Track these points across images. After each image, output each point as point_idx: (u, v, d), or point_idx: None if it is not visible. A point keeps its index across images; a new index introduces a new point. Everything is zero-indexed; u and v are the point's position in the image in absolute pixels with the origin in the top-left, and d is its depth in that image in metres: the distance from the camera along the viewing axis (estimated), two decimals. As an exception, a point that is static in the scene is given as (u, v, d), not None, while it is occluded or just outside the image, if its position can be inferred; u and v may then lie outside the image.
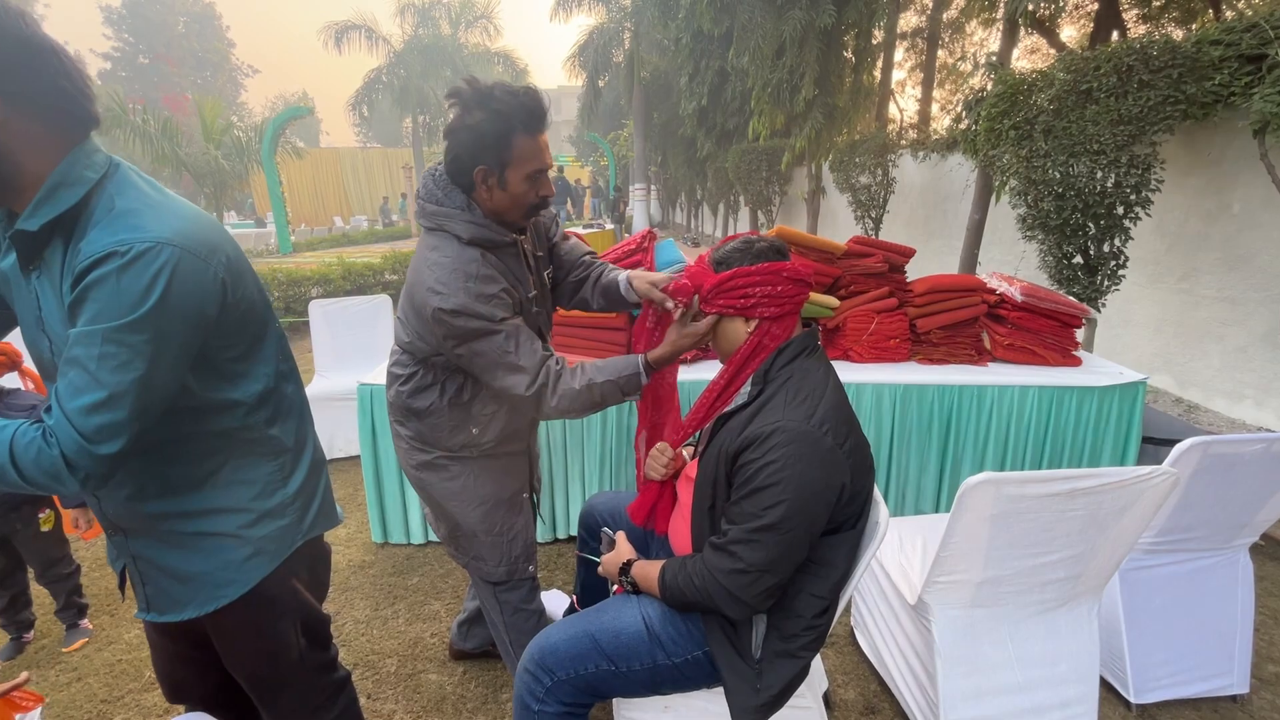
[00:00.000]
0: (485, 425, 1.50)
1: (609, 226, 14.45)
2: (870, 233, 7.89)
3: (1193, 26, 6.32)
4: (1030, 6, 4.64)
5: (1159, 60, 3.13)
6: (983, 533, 1.38)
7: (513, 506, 1.59)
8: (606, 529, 1.54)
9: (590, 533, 1.69)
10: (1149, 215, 3.34)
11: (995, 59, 5.63)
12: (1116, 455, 2.49)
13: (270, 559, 1.11)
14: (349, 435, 3.47)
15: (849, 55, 8.85)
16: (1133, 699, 1.76)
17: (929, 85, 9.86)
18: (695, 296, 1.34)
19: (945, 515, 1.44)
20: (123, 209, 0.89)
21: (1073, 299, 2.77)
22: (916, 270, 2.85)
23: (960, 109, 5.69)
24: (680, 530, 1.40)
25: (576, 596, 1.78)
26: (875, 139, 7.61)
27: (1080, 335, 2.75)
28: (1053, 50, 6.01)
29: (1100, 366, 2.60)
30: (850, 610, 2.13)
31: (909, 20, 11.30)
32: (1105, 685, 1.82)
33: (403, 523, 2.65)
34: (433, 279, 1.30)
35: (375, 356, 3.46)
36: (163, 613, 1.09)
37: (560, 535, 2.68)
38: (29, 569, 2.16)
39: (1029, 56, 11.12)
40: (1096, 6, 5.45)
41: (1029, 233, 3.74)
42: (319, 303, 3.70)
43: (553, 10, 16.55)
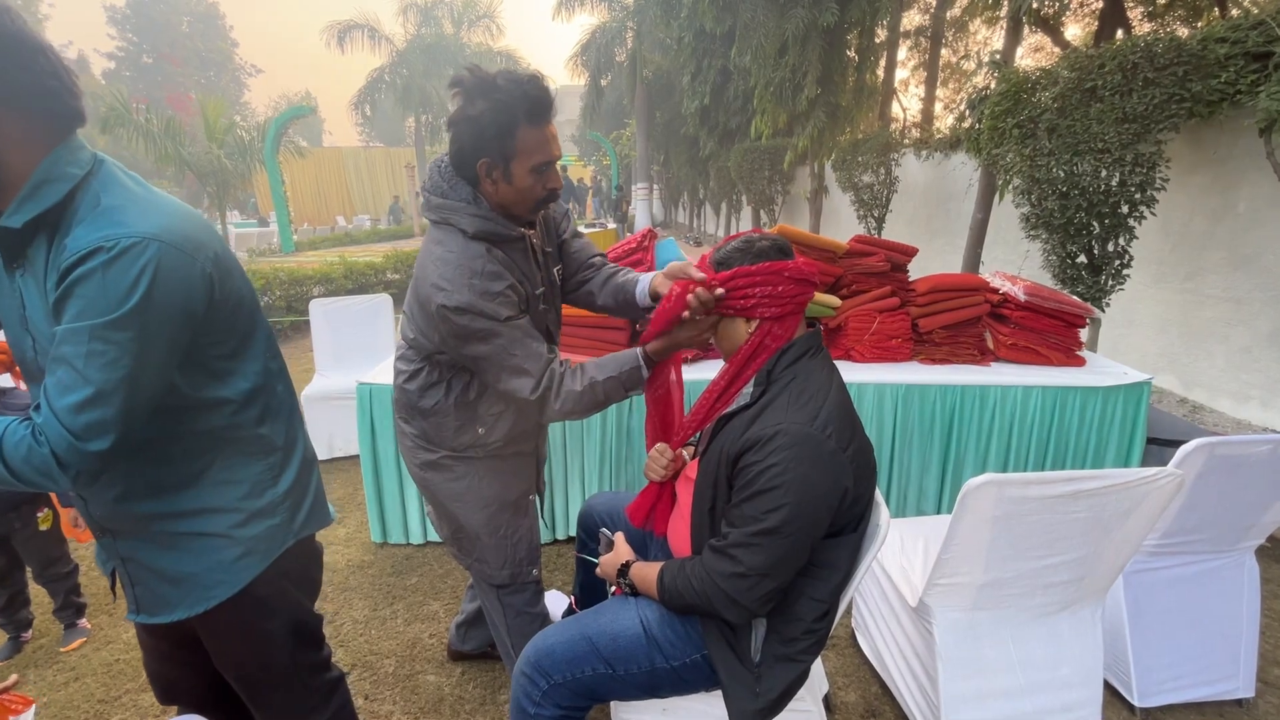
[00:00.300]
0: (492, 425, 1.47)
1: (611, 226, 14.45)
2: (873, 232, 7.87)
3: (1198, 24, 6.28)
4: (1035, 4, 4.62)
5: (1164, 58, 3.11)
6: (985, 534, 1.36)
7: (518, 509, 1.56)
8: (605, 530, 1.53)
9: (589, 533, 1.67)
10: (1153, 214, 3.32)
11: (999, 57, 5.61)
12: (1121, 456, 2.47)
13: (261, 559, 1.10)
14: (348, 434, 3.46)
15: (852, 54, 8.83)
16: (1137, 703, 1.74)
17: (932, 84, 9.83)
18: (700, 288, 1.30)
19: (947, 517, 1.43)
20: (108, 205, 0.88)
21: (1076, 298, 2.76)
22: (919, 269, 2.83)
23: (964, 107, 5.66)
24: (679, 531, 1.38)
25: (575, 597, 1.77)
26: (878, 138, 7.59)
27: (1084, 335, 2.72)
28: (1057, 48, 5.98)
29: (1104, 367, 2.58)
30: (851, 612, 2.11)
31: (912, 19, 11.28)
32: (1109, 689, 1.80)
33: (402, 523, 2.64)
34: (436, 275, 1.27)
35: (376, 356, 3.45)
36: (153, 614, 1.08)
37: (559, 536, 2.67)
38: (27, 568, 2.16)
39: (1033, 55, 11.10)
40: (1101, 4, 5.43)
41: (1032, 232, 3.71)
42: (319, 301, 3.70)
43: (555, 9, 16.54)
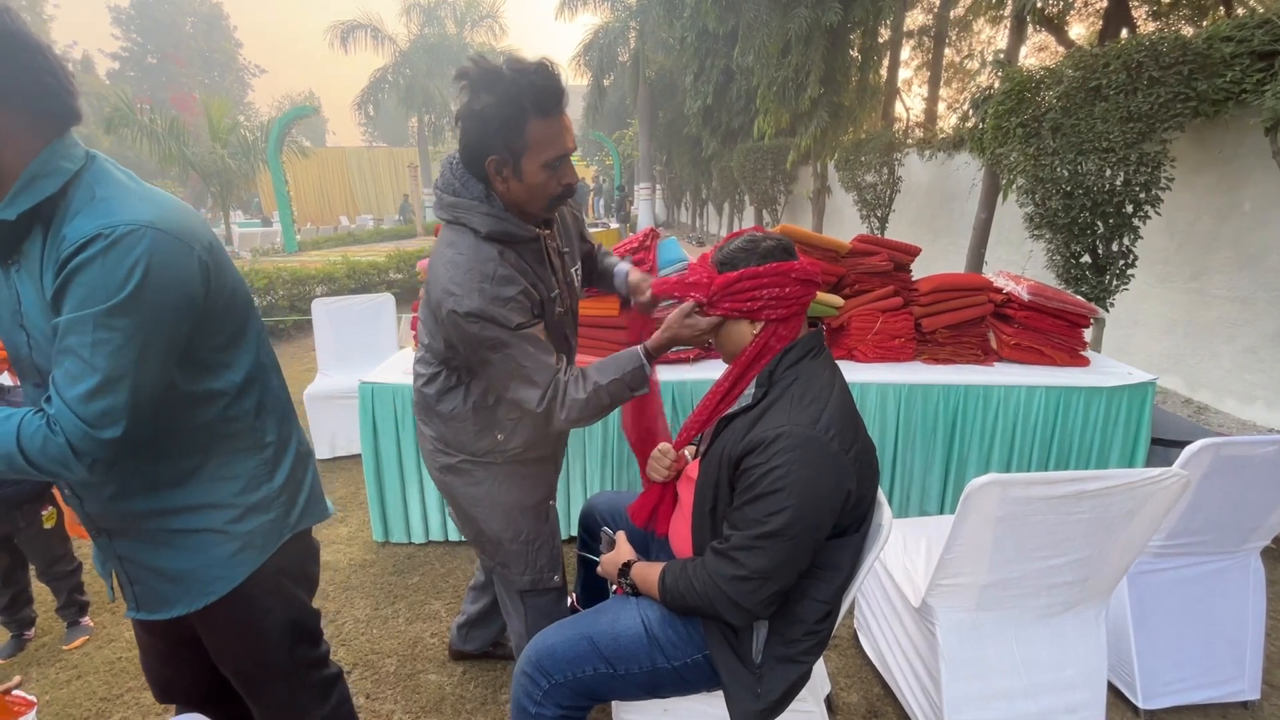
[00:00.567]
0: (511, 431, 1.43)
1: (614, 225, 14.45)
2: (876, 231, 7.85)
3: (1204, 23, 6.25)
4: (1039, 3, 4.61)
5: (1169, 57, 3.09)
6: (988, 535, 1.36)
7: (538, 514, 1.54)
8: (606, 529, 1.53)
9: (590, 532, 1.67)
10: (1158, 214, 3.30)
11: (1003, 56, 5.59)
12: (1125, 457, 2.46)
13: (258, 553, 1.10)
14: (351, 434, 3.46)
15: (855, 53, 8.82)
16: (1141, 704, 1.73)
17: (935, 83, 9.81)
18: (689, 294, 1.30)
19: (950, 517, 1.42)
20: (103, 197, 0.90)
21: (1080, 298, 2.74)
22: (922, 269, 2.82)
23: (967, 107, 5.65)
24: (681, 531, 1.38)
25: (576, 596, 1.77)
26: (881, 137, 7.57)
27: (1088, 335, 2.71)
28: (1061, 48, 5.96)
29: (1109, 367, 2.57)
30: (853, 612, 2.11)
31: (915, 18, 11.26)
32: (1113, 690, 1.79)
33: (403, 522, 2.64)
34: (447, 278, 1.24)
35: (378, 355, 3.45)
36: (152, 611, 1.08)
37: (561, 534, 2.67)
38: (30, 567, 2.16)
39: (1037, 54, 11.06)
40: (1105, 3, 5.41)
41: (1036, 231, 3.70)
42: (322, 301, 3.70)
43: (558, 9, 16.57)
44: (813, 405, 1.14)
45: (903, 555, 1.78)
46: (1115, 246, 3.42)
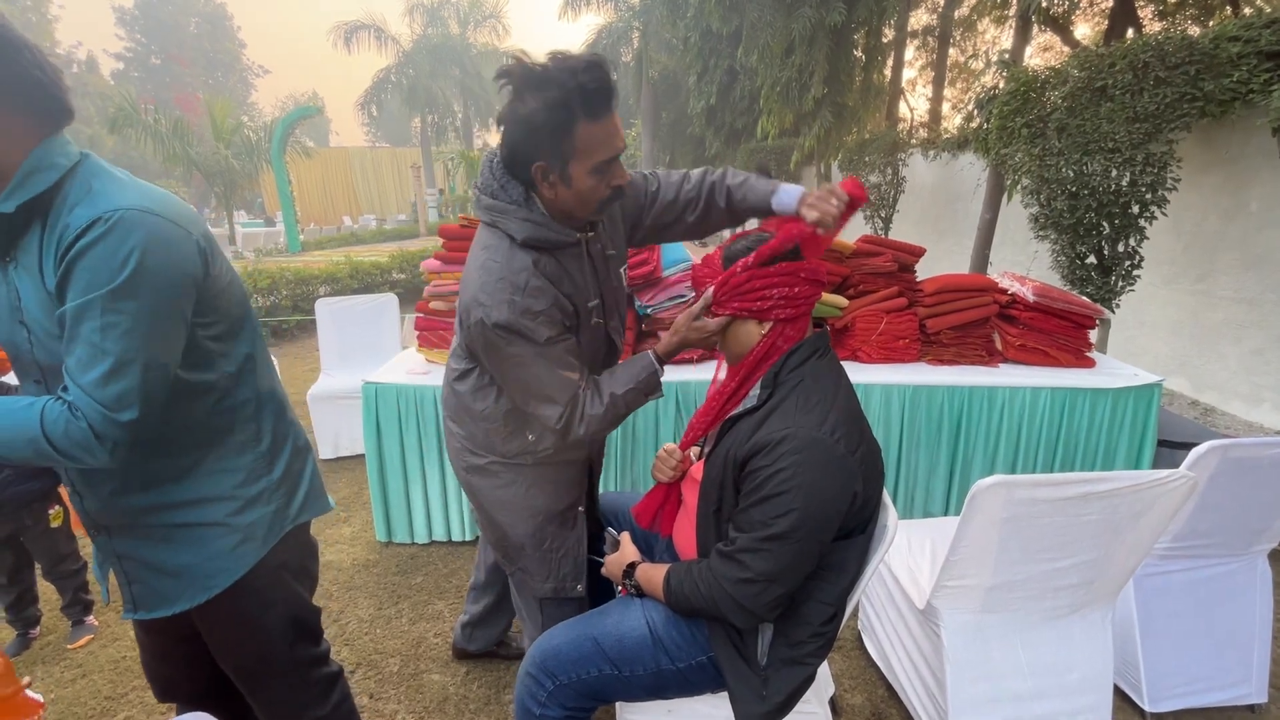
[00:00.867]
0: (543, 432, 1.38)
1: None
2: (880, 232, 7.84)
3: (1210, 23, 6.23)
4: (1044, 3, 4.59)
5: (1176, 57, 3.08)
6: (993, 537, 1.35)
7: (565, 521, 1.49)
8: (611, 529, 1.52)
9: (594, 533, 1.67)
10: (1164, 214, 3.29)
11: (1008, 56, 5.57)
12: (1131, 459, 2.45)
13: (260, 545, 1.11)
14: (354, 434, 3.47)
15: (859, 53, 8.79)
16: (1147, 708, 1.73)
17: (940, 83, 9.80)
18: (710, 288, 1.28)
19: (955, 518, 1.42)
20: (100, 189, 0.93)
21: (1086, 299, 2.73)
22: (926, 270, 2.81)
23: (972, 107, 5.64)
24: (685, 533, 1.37)
25: (580, 597, 1.76)
26: (885, 138, 7.56)
27: (1094, 336, 2.70)
28: (1066, 48, 5.94)
29: (1114, 368, 2.56)
30: (858, 614, 2.10)
31: (920, 18, 11.23)
32: (1119, 693, 1.78)
33: (407, 522, 2.64)
34: (478, 286, 1.21)
35: (381, 355, 3.45)
36: (152, 609, 1.08)
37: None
38: (36, 565, 2.17)
39: (1042, 54, 11.02)
40: (1111, 3, 5.39)
41: (1041, 232, 3.69)
42: (325, 301, 3.71)
43: (561, 9, 16.56)
44: (818, 407, 1.13)
45: (907, 557, 1.77)
46: (1121, 247, 3.40)
